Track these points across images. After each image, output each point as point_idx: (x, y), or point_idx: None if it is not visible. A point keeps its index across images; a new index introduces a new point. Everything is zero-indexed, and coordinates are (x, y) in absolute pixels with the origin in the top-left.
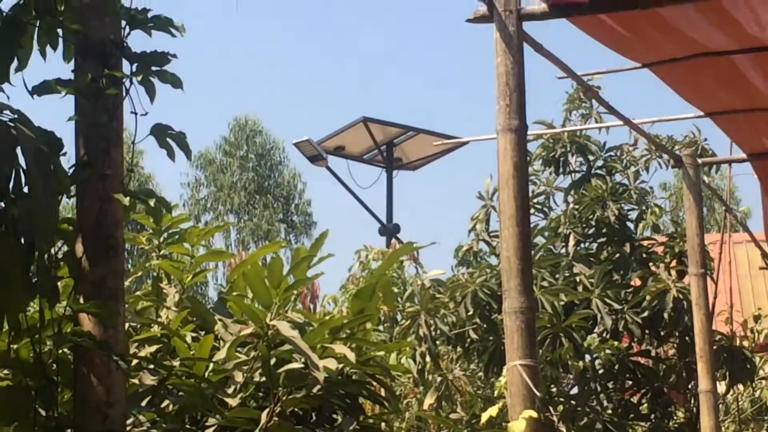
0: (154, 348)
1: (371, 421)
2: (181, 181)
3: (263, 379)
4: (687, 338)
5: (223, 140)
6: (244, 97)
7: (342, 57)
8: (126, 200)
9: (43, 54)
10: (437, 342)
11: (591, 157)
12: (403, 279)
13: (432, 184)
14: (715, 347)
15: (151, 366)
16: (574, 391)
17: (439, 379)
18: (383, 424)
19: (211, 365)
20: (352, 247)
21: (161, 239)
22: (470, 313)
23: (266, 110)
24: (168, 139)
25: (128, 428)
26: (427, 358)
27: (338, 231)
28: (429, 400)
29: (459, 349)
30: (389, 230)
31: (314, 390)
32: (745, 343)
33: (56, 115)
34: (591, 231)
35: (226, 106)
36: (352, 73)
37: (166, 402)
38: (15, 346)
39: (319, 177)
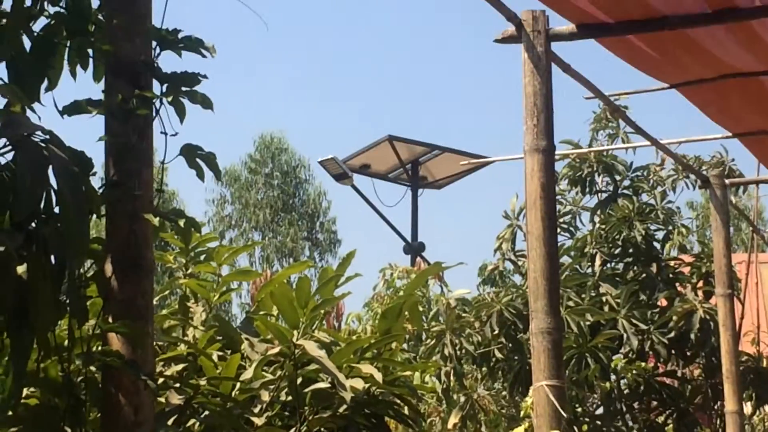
0: (180, 367)
1: None
2: (206, 197)
3: (289, 398)
4: (713, 359)
5: (249, 158)
6: (270, 115)
7: (368, 75)
8: (156, 220)
9: (73, 74)
10: (462, 361)
11: (618, 177)
12: (428, 298)
13: (457, 203)
14: (741, 368)
15: (177, 385)
16: (600, 411)
17: (463, 398)
18: None
19: (238, 384)
20: (377, 265)
21: (188, 258)
22: (495, 332)
23: (292, 128)
24: (197, 159)
25: None
26: (452, 377)
27: (363, 249)
28: (453, 420)
29: (484, 368)
30: (414, 248)
31: (340, 410)
32: None
33: (81, 132)
34: (617, 251)
35: (252, 123)
36: (378, 91)
37: (192, 421)
38: (43, 365)
39: (345, 195)
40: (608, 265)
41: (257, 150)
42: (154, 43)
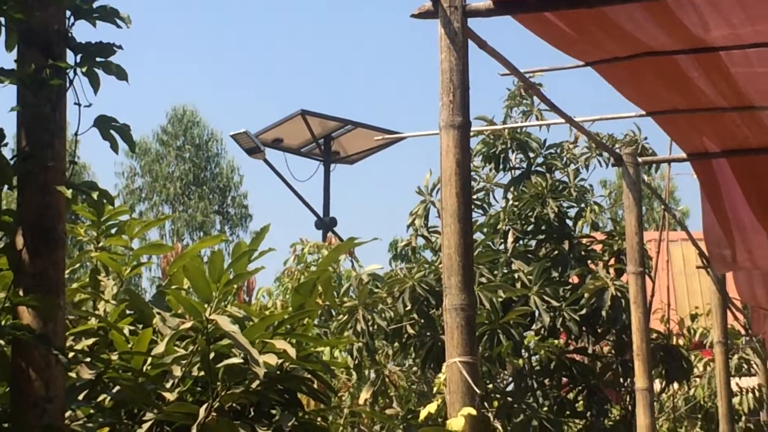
0: (91, 341)
1: (309, 416)
2: (116, 170)
3: (201, 373)
4: (624, 336)
5: (161, 130)
6: (184, 88)
7: (285, 49)
8: (69, 192)
9: None
10: (374, 337)
11: (531, 154)
12: (339, 273)
13: (369, 179)
14: (651, 345)
15: (88, 359)
16: (510, 387)
17: (374, 374)
18: (320, 420)
19: (150, 359)
20: (288, 240)
21: (99, 231)
22: (408, 308)
23: (206, 102)
24: (111, 131)
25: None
26: (364, 353)
27: (274, 224)
28: (365, 395)
29: (396, 344)
30: (325, 224)
31: (253, 385)
32: (681, 342)
33: None
34: (530, 228)
35: (164, 95)
36: (294, 65)
37: (102, 396)
38: None
39: (257, 169)
40: (521, 242)
41: (169, 122)
42: (68, 13)
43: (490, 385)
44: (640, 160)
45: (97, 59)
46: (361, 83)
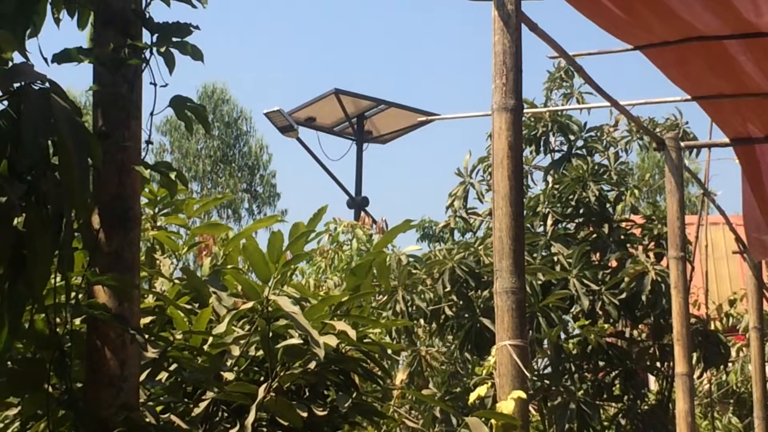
0: (148, 319)
1: (364, 397)
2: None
3: (258, 353)
4: (662, 320)
5: None
6: (214, 65)
7: (319, 28)
8: (146, 172)
9: (57, 21)
10: (413, 318)
11: (572, 137)
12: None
13: (400, 158)
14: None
15: (146, 336)
16: (548, 370)
17: (411, 354)
18: (374, 401)
19: (210, 339)
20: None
21: (156, 209)
22: (447, 289)
23: (237, 80)
24: (186, 111)
25: None
26: (403, 334)
27: (304, 203)
28: (401, 376)
29: (434, 325)
30: (358, 203)
31: (311, 366)
32: (717, 326)
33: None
34: (569, 211)
35: (195, 73)
36: (328, 44)
37: (162, 374)
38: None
39: (286, 148)
40: (560, 225)
41: (199, 100)
42: None
43: None
44: (682, 144)
45: (173, 39)
46: (396, 63)
